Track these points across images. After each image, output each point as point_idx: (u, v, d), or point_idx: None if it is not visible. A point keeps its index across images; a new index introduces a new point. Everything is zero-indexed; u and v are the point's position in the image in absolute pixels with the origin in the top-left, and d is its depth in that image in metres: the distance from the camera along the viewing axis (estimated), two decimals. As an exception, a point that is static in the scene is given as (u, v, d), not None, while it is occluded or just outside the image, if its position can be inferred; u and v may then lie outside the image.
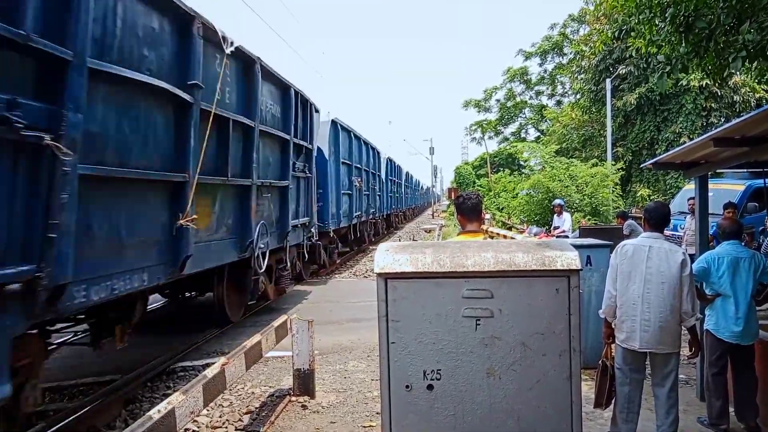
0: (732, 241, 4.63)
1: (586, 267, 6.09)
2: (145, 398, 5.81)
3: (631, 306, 3.99)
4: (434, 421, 2.68)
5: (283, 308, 9.87)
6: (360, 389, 5.75)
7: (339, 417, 5.04)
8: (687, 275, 3.92)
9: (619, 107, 24.02)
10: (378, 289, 2.69)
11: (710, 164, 5.38)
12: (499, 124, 48.16)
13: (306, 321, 5.40)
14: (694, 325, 4.05)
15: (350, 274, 14.68)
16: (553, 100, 44.65)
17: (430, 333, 2.66)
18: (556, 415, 2.66)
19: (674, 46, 6.69)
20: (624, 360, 4.07)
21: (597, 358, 4.65)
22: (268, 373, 6.38)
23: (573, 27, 39.63)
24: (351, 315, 9.46)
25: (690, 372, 5.83)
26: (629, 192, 24.20)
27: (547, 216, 17.97)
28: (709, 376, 4.62)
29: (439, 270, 2.64)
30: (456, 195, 4.19)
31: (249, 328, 8.25)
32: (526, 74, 45.54)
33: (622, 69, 23.88)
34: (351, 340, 7.75)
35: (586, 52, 26.99)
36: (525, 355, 2.65)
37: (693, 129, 21.97)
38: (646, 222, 4.20)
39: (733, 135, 4.37)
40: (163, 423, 3.05)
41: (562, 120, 31.53)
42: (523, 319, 2.64)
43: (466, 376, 2.67)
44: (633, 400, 4.08)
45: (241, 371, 4.42)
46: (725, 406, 4.55)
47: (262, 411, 5.24)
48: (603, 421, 4.57)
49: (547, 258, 2.64)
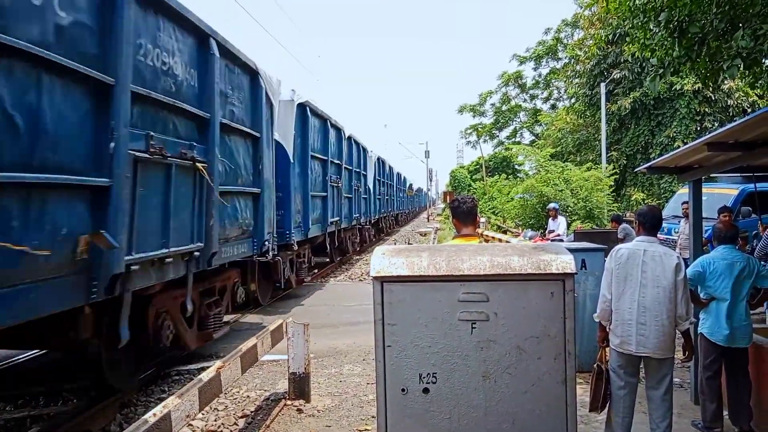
0: (727, 246, 4.66)
1: (581, 270, 6.11)
2: (141, 402, 5.79)
3: (626, 310, 4.00)
4: (430, 425, 2.69)
5: (279, 311, 9.86)
6: (356, 393, 5.75)
7: (334, 421, 5.04)
8: (681, 279, 3.94)
9: (613, 111, 24.16)
10: (374, 292, 2.70)
11: (704, 168, 5.41)
12: (494, 128, 48.34)
13: (301, 324, 5.40)
14: (688, 328, 4.07)
15: (346, 277, 14.68)
16: (547, 104, 44.88)
17: (426, 336, 2.67)
18: (552, 418, 2.68)
19: (667, 50, 6.74)
20: (619, 364, 4.08)
21: (592, 361, 4.67)
22: (263, 377, 6.38)
23: (567, 32, 39.84)
24: (347, 318, 9.46)
25: (684, 375, 5.86)
26: (623, 196, 24.30)
27: (542, 220, 18.03)
28: (703, 380, 4.64)
29: (435, 273, 2.66)
30: (451, 199, 4.20)
31: (245, 332, 8.24)
32: (521, 78, 45.73)
33: (617, 73, 24.06)
34: (347, 343, 7.75)
35: (580, 56, 27.15)
36: (520, 358, 2.66)
37: (687, 133, 22.11)
38: (640, 226, 4.22)
39: (726, 139, 4.39)
40: (159, 427, 3.04)
41: (557, 124, 31.67)
42: (519, 323, 2.66)
43: (461, 379, 2.68)
44: (627, 404, 4.09)
45: (236, 375, 4.42)
46: (719, 410, 4.57)
47: (257, 415, 5.24)
48: (598, 424, 4.59)
49: (542, 261, 2.65)
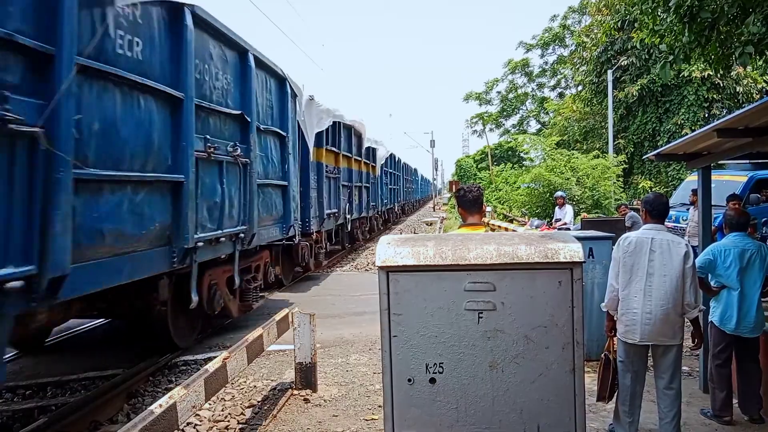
0: (738, 233, 4.60)
1: (588, 259, 6.07)
2: (148, 392, 5.81)
3: (633, 299, 3.96)
4: (437, 415, 2.67)
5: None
6: (362, 382, 5.75)
7: (341, 410, 5.04)
8: (690, 267, 3.89)
9: (620, 99, 23.95)
10: (380, 282, 2.67)
11: (713, 155, 5.34)
12: (500, 117, 48.06)
13: (307, 315, 5.39)
14: (698, 316, 4.03)
15: (352, 267, 14.68)
16: (555, 92, 44.58)
17: (432, 326, 2.64)
18: (559, 408, 2.65)
19: (677, 36, 6.64)
20: (626, 353, 4.05)
21: (599, 350, 4.64)
22: (270, 367, 6.38)
23: (574, 18, 39.49)
24: (353, 308, 9.46)
25: (693, 364, 5.82)
26: (631, 184, 24.16)
27: (549, 208, 17.94)
28: (713, 368, 4.60)
29: (441, 263, 2.62)
30: (457, 188, 4.16)
31: (250, 323, 8.25)
32: (528, 66, 45.39)
33: (624, 60, 23.81)
34: (353, 333, 7.75)
35: (587, 43, 26.90)
36: (528, 348, 2.63)
37: (695, 120, 21.93)
38: (647, 214, 4.17)
39: (736, 126, 4.33)
40: (165, 417, 3.04)
41: (563, 112, 31.46)
42: (526, 312, 2.63)
43: (468, 369, 2.65)
44: (635, 393, 4.06)
45: (242, 365, 4.41)
46: (729, 398, 4.54)
47: (264, 405, 5.24)
48: (606, 413, 4.57)
49: (550, 250, 2.62)
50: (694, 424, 4.52)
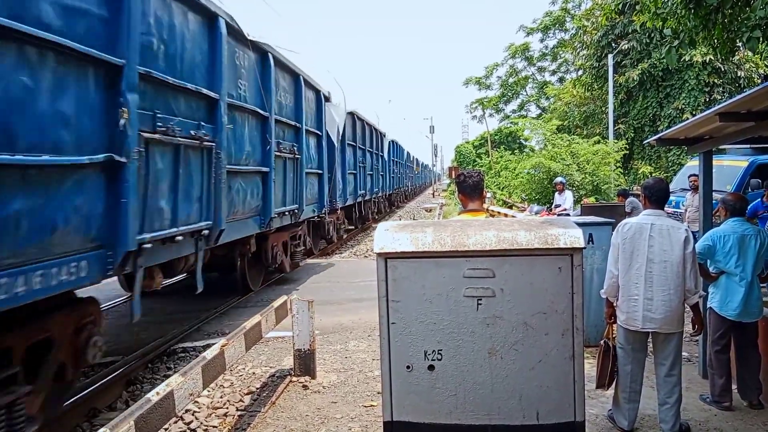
0: (737, 218, 4.57)
1: (588, 245, 6.04)
2: (146, 379, 5.81)
3: (632, 285, 3.94)
4: (436, 401, 2.65)
5: (285, 288, 9.87)
6: (361, 369, 5.75)
7: (340, 397, 5.04)
8: (690, 252, 3.87)
9: (621, 83, 23.79)
10: (378, 268, 2.64)
11: (714, 140, 5.29)
12: (500, 102, 47.73)
13: (306, 301, 5.37)
14: (698, 302, 4.01)
15: (351, 254, 14.68)
16: (555, 77, 44.27)
17: (431, 313, 2.62)
18: (559, 394, 2.64)
19: (680, 19, 6.54)
20: (626, 340, 4.04)
21: (599, 336, 4.63)
22: (268, 354, 6.38)
23: (574, 2, 39.12)
24: (352, 295, 9.45)
25: (692, 350, 5.82)
26: (630, 169, 24.09)
27: (548, 194, 17.90)
28: (712, 354, 4.60)
29: (439, 249, 2.59)
30: (457, 173, 4.12)
31: (254, 307, 8.25)
32: (528, 50, 45.01)
33: (625, 44, 23.61)
34: (352, 320, 7.74)
35: (588, 27, 26.67)
36: (527, 334, 2.61)
37: (696, 105, 21.80)
38: (646, 199, 4.13)
39: (738, 109, 4.28)
40: (162, 405, 3.02)
41: (564, 97, 31.28)
42: (525, 299, 2.60)
43: (467, 356, 2.63)
44: (635, 380, 4.06)
45: (240, 352, 4.40)
46: (728, 384, 4.54)
47: (263, 391, 5.24)
48: (605, 399, 4.56)
49: (550, 236, 2.58)
50: (693, 410, 4.52)
